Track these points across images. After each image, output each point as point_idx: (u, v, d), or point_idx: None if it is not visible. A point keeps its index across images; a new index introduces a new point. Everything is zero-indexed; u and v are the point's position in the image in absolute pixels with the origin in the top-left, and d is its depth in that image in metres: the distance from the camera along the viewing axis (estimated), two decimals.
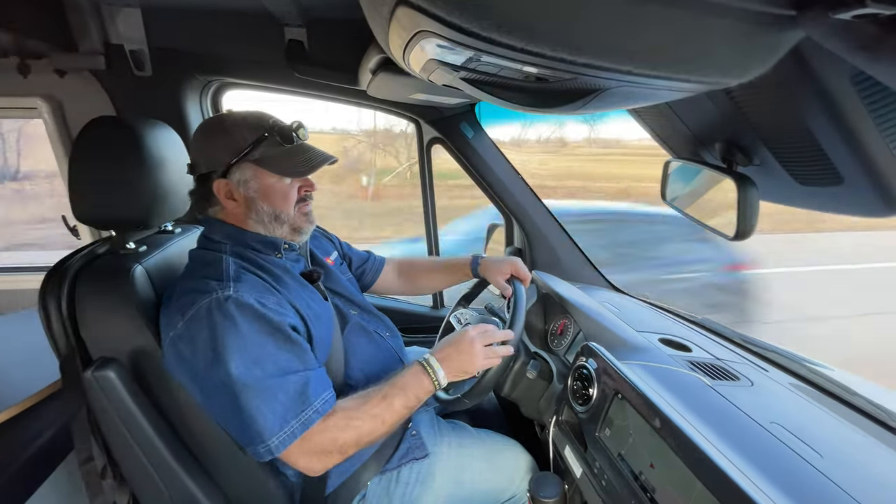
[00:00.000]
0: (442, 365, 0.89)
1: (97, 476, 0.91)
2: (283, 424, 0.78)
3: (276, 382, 0.78)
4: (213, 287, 0.81)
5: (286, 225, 0.94)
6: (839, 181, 0.59)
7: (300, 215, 0.96)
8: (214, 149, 0.90)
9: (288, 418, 0.78)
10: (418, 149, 1.60)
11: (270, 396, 0.77)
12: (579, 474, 0.88)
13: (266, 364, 0.78)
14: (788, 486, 0.60)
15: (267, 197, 0.91)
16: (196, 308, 0.79)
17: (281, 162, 0.90)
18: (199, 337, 0.78)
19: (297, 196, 0.94)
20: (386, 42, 0.54)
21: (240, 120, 0.91)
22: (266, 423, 0.77)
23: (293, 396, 0.79)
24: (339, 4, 1.16)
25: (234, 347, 0.77)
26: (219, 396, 0.79)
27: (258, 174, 0.90)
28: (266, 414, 0.77)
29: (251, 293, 0.82)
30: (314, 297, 0.97)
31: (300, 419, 0.79)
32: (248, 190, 0.91)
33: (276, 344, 0.81)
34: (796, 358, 1.03)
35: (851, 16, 0.29)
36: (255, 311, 0.80)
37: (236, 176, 0.90)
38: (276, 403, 0.78)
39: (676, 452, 0.68)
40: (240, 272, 0.86)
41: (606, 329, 1.08)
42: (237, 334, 0.78)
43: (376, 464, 0.98)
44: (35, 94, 1.35)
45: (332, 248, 1.23)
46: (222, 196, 0.91)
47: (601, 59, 0.37)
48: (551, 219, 1.56)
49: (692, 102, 0.72)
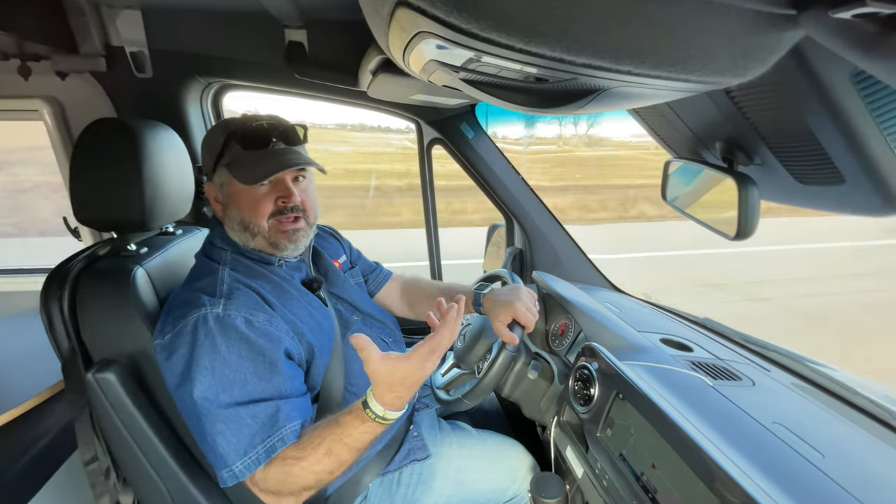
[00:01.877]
0: (375, 393, 0.74)
1: (102, 476, 0.91)
2: (249, 449, 0.75)
3: (244, 410, 0.76)
4: (203, 302, 0.80)
5: (259, 237, 0.89)
6: (840, 180, 0.59)
7: (276, 231, 0.89)
8: (204, 151, 0.93)
9: (254, 443, 0.76)
10: (419, 149, 1.61)
11: (236, 421, 0.75)
12: (580, 475, 0.88)
13: (234, 390, 0.76)
14: (790, 485, 0.60)
15: (236, 203, 0.89)
16: (184, 322, 0.79)
17: (242, 167, 0.86)
18: (178, 352, 0.78)
19: (271, 207, 0.88)
20: (386, 43, 0.54)
21: (224, 123, 0.92)
22: (230, 447, 0.75)
23: (262, 422, 0.76)
24: (339, 6, 1.16)
25: (208, 368, 0.76)
26: (187, 413, 0.79)
27: (229, 179, 0.89)
28: (230, 439, 0.75)
29: (240, 311, 0.81)
30: (314, 304, 0.96)
31: (265, 445, 0.76)
32: (224, 195, 0.91)
33: (253, 369, 0.78)
34: (798, 358, 1.03)
35: (851, 15, 0.29)
36: (239, 333, 0.79)
37: (217, 180, 0.91)
38: (242, 428, 0.75)
39: (678, 453, 0.68)
40: (233, 287, 0.84)
41: (607, 329, 1.08)
42: (214, 355, 0.77)
43: (378, 465, 0.97)
44: (36, 96, 1.36)
45: (342, 251, 1.21)
46: (212, 199, 0.93)
47: (601, 60, 0.37)
48: (552, 219, 1.56)
49: (692, 102, 0.72)
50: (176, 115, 1.38)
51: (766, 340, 1.10)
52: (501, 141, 7.38)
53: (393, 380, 0.72)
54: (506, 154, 1.53)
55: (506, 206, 1.56)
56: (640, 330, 1.09)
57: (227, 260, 0.90)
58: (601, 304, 1.24)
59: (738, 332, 1.15)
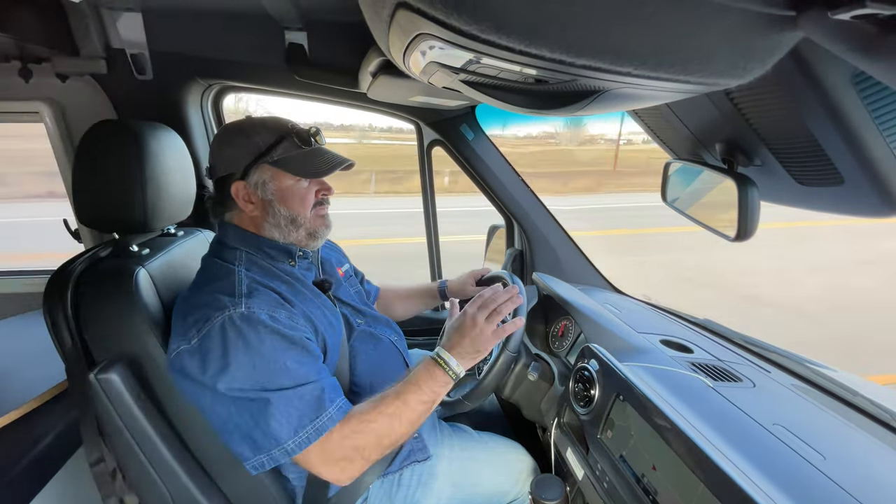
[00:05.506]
0: (452, 353, 0.88)
1: (108, 477, 0.92)
2: (299, 429, 0.78)
3: (291, 392, 0.79)
4: (225, 304, 0.81)
5: (302, 229, 0.94)
6: (839, 181, 0.59)
7: (317, 218, 0.96)
8: (234, 151, 0.91)
9: (304, 423, 0.78)
10: (419, 151, 1.61)
11: (286, 404, 0.78)
12: (581, 476, 0.88)
13: (278, 378, 0.78)
14: (791, 487, 0.60)
15: (284, 199, 0.92)
16: (210, 325, 0.79)
17: (299, 164, 0.91)
18: (211, 353, 0.78)
19: (313, 199, 0.95)
20: (386, 45, 0.54)
21: (259, 123, 0.92)
22: (281, 429, 0.77)
23: (309, 403, 0.79)
24: (339, 8, 1.16)
25: (247, 366, 0.77)
26: (229, 409, 0.79)
27: (276, 176, 0.91)
28: (281, 421, 0.77)
29: (263, 309, 0.82)
30: (327, 305, 0.97)
31: (315, 425, 0.79)
32: (266, 192, 0.91)
33: (291, 356, 0.81)
34: (798, 359, 1.03)
35: (851, 16, 0.29)
36: (268, 327, 0.80)
37: (254, 178, 0.91)
38: (291, 410, 0.78)
39: (678, 454, 0.68)
40: (252, 288, 0.85)
41: (607, 331, 1.08)
42: (250, 350, 0.78)
43: (378, 467, 0.97)
44: (37, 99, 1.36)
45: (345, 260, 1.24)
46: (240, 199, 0.91)
47: (601, 61, 0.37)
48: (552, 220, 1.56)
49: (692, 103, 0.72)
50: (176, 117, 1.38)
51: (765, 342, 1.10)
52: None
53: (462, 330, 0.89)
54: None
55: (506, 208, 1.56)
56: (640, 331, 1.09)
57: (242, 260, 0.90)
58: (601, 305, 1.24)
59: (738, 333, 1.15)
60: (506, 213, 1.60)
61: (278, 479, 0.94)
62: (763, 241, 4.70)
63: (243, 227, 0.94)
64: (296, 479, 0.95)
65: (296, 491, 0.96)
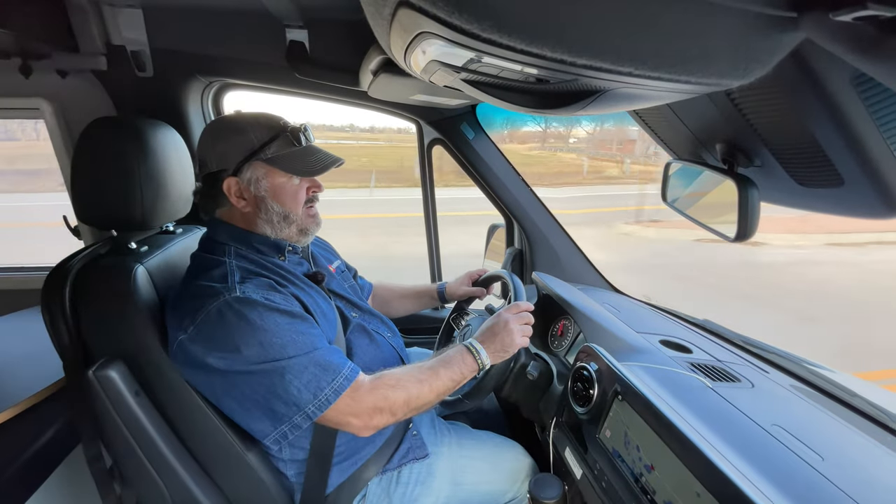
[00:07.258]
0: (484, 346, 0.94)
1: (106, 474, 0.92)
2: (318, 393, 0.81)
3: (305, 359, 0.81)
4: (219, 290, 0.82)
5: (294, 225, 0.96)
6: (840, 183, 0.59)
7: (307, 216, 0.98)
8: (226, 147, 0.90)
9: (322, 386, 0.81)
10: (419, 150, 1.61)
11: (301, 370, 0.80)
12: (579, 476, 0.88)
13: (289, 348, 0.81)
14: (789, 488, 0.60)
15: (277, 196, 0.93)
16: (206, 311, 0.80)
17: (293, 161, 0.92)
18: (213, 337, 0.79)
19: (305, 196, 0.96)
20: (387, 43, 0.54)
21: (252, 119, 0.92)
22: (301, 394, 0.80)
23: (323, 367, 0.82)
24: (341, 5, 1.16)
25: (254, 344, 0.79)
26: (243, 388, 0.81)
27: (269, 173, 0.91)
28: (299, 387, 0.80)
29: (257, 293, 0.83)
30: (321, 295, 0.98)
31: (332, 386, 0.82)
32: (259, 189, 0.91)
33: (295, 328, 0.83)
34: (797, 360, 1.03)
35: (852, 17, 0.29)
36: (265, 306, 0.82)
37: (247, 174, 0.91)
38: (307, 375, 0.81)
39: (677, 454, 0.68)
40: (245, 276, 0.86)
41: (607, 330, 1.08)
42: (253, 328, 0.79)
43: (376, 464, 0.98)
44: (37, 95, 1.36)
45: (336, 258, 1.24)
46: (232, 195, 0.91)
47: (602, 61, 0.37)
48: (552, 220, 1.56)
49: (693, 103, 0.72)
50: (177, 115, 1.38)
51: (765, 342, 1.10)
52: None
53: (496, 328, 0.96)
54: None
55: (506, 207, 1.56)
56: (639, 331, 1.09)
57: (232, 254, 0.91)
58: (600, 304, 1.24)
59: (737, 333, 1.15)
60: (506, 213, 1.60)
61: (276, 476, 0.94)
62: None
63: (234, 223, 0.94)
64: (294, 476, 0.95)
65: (293, 487, 0.96)
